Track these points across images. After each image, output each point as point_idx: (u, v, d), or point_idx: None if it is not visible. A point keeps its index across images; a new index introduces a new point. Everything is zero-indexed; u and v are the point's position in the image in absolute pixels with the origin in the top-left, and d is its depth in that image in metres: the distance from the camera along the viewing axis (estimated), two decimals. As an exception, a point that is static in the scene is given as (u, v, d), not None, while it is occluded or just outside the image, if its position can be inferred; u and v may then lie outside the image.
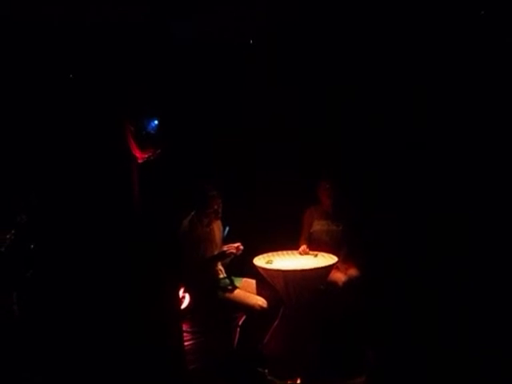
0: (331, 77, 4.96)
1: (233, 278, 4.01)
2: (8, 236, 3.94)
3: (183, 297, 4.58)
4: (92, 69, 4.84)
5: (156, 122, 4.83)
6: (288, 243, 4.45)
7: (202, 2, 4.48)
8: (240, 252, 3.85)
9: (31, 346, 3.85)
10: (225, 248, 3.84)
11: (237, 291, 3.81)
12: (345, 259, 4.34)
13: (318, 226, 4.53)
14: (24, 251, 4.07)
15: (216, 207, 3.87)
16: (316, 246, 4.39)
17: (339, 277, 4.18)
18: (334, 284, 4.11)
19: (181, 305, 4.54)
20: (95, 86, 4.91)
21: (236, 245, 3.84)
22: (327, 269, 3.97)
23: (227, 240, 4.17)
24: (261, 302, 3.71)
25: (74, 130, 4.80)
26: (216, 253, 3.88)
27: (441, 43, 4.58)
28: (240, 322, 3.78)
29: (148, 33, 4.76)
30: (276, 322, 3.98)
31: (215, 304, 3.66)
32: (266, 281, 3.94)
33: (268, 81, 4.93)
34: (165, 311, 3.96)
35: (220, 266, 3.90)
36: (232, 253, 3.81)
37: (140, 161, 4.83)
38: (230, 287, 3.88)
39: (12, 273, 3.93)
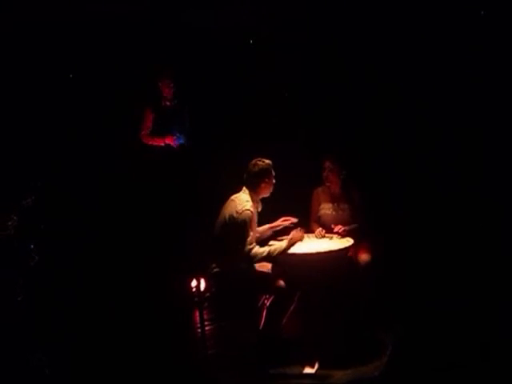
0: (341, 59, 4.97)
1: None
2: (10, 223, 3.75)
3: (199, 282, 4.47)
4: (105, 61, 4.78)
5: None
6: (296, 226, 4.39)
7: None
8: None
9: (38, 334, 3.71)
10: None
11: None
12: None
13: (325, 209, 4.48)
14: (28, 238, 3.91)
15: (274, 174, 3.79)
16: (325, 230, 4.35)
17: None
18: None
19: (197, 290, 4.44)
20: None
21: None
22: (344, 251, 3.95)
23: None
24: (279, 283, 3.65)
25: (84, 118, 4.74)
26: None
27: (441, 43, 4.63)
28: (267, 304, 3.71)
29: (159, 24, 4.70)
30: (292, 306, 3.92)
31: (245, 286, 3.56)
32: (281, 264, 3.88)
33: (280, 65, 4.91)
34: (180, 296, 3.89)
35: None
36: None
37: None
38: None
39: (16, 260, 3.76)
